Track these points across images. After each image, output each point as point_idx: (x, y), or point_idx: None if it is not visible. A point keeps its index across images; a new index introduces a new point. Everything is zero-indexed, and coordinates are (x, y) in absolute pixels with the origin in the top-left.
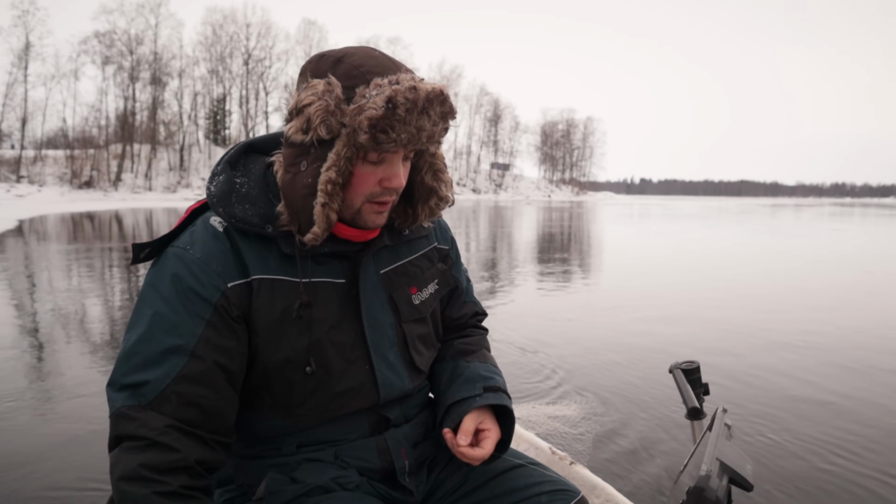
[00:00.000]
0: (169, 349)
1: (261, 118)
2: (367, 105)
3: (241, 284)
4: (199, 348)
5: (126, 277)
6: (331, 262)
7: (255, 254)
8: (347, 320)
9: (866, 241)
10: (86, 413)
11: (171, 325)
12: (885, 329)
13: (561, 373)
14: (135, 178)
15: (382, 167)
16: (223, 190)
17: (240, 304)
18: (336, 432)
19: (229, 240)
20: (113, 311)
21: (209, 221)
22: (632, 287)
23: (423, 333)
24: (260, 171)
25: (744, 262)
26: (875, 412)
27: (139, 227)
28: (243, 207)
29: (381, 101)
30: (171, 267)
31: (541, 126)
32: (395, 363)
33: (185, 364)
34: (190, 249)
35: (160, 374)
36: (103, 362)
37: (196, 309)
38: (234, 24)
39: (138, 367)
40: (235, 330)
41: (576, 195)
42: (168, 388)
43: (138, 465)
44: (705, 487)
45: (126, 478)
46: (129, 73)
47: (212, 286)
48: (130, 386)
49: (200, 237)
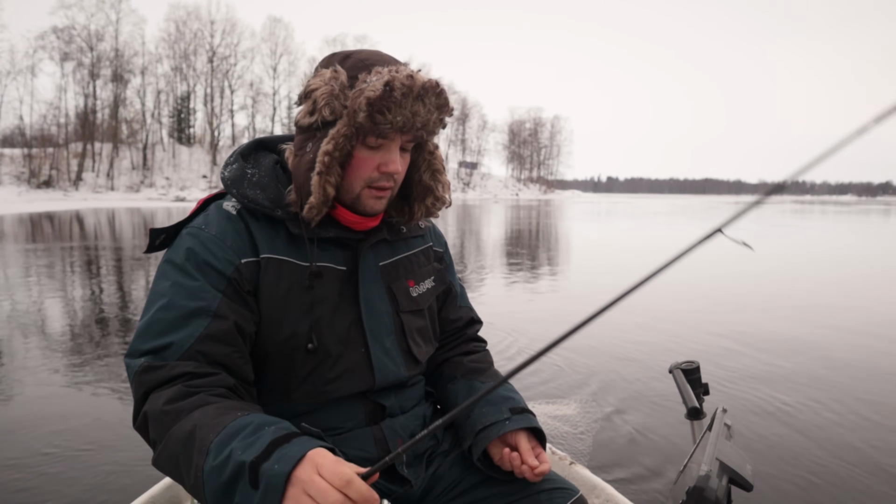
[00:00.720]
0: (192, 311)
1: (226, 116)
2: (367, 88)
3: (252, 262)
4: (221, 308)
5: (87, 281)
6: (334, 249)
7: (264, 235)
8: (346, 304)
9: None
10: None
11: (191, 291)
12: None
13: (557, 368)
14: (96, 178)
15: (380, 153)
16: (236, 175)
17: (251, 279)
18: (332, 419)
19: (242, 221)
20: (74, 316)
21: (222, 206)
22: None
23: (420, 326)
24: (270, 164)
25: (707, 264)
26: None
27: (101, 228)
28: (255, 192)
29: (380, 84)
30: (187, 243)
31: (508, 125)
32: (391, 349)
33: (209, 324)
34: (205, 228)
35: (184, 335)
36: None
37: (212, 280)
38: (198, 20)
39: (160, 333)
40: (248, 302)
41: (543, 193)
42: (193, 348)
43: (181, 384)
44: (705, 487)
45: (171, 399)
46: (90, 69)
47: (226, 260)
48: (152, 350)
49: (215, 218)
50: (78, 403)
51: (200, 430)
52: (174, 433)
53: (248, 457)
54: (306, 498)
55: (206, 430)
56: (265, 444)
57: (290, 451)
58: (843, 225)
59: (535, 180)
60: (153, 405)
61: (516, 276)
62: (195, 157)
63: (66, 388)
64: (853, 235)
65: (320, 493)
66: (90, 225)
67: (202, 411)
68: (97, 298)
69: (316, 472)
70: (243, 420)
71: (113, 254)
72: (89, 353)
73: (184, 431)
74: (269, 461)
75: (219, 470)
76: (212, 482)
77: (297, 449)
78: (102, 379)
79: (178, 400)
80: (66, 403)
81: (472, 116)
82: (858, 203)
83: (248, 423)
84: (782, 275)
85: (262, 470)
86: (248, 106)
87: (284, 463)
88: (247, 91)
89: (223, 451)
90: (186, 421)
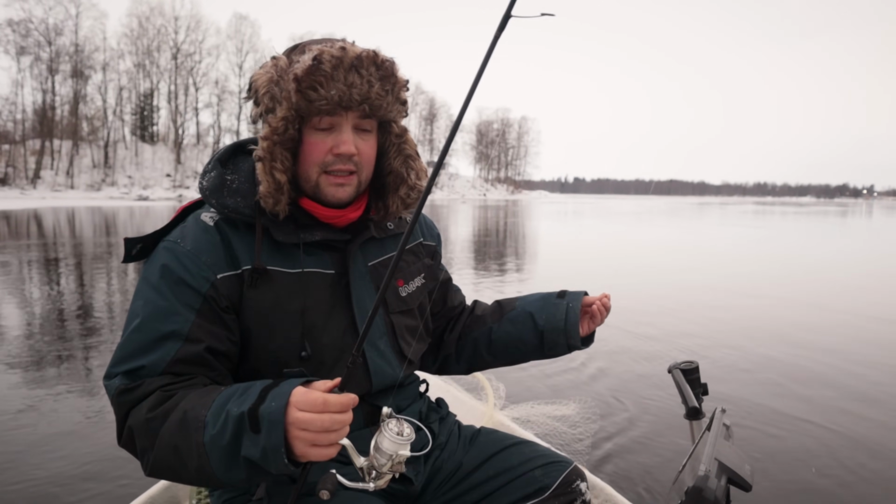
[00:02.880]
0: (163, 335)
1: (191, 114)
2: (296, 66)
3: (231, 276)
4: (192, 332)
5: (47, 279)
6: (321, 253)
7: (245, 245)
8: (338, 309)
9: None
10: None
11: (163, 313)
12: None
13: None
14: (55, 176)
15: (333, 135)
16: (215, 184)
17: (229, 294)
18: None
19: (220, 233)
20: (31, 317)
21: (200, 217)
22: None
23: (411, 325)
24: (248, 168)
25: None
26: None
27: (60, 227)
28: (234, 200)
29: (308, 58)
30: (162, 259)
31: (476, 125)
32: (385, 351)
33: (180, 347)
34: (181, 243)
35: (155, 358)
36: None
37: (186, 298)
38: (162, 16)
39: (132, 355)
40: (225, 320)
41: (511, 194)
42: (165, 370)
43: (160, 391)
44: (704, 487)
45: (152, 406)
46: (48, 64)
47: (201, 277)
48: (126, 372)
49: (191, 231)
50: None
51: (190, 411)
52: (166, 429)
53: (245, 407)
54: (301, 432)
55: (197, 409)
56: (257, 393)
57: (281, 390)
58: (792, 225)
59: (502, 181)
60: (136, 418)
61: (483, 275)
62: (159, 155)
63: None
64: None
65: (309, 424)
66: (49, 224)
67: (186, 400)
68: (55, 300)
69: (297, 410)
70: (230, 389)
71: (73, 251)
72: (49, 353)
73: (175, 422)
74: (264, 403)
75: (220, 434)
76: (216, 449)
77: (286, 387)
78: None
79: (160, 404)
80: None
81: (440, 116)
82: (816, 204)
83: (237, 388)
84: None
85: (261, 411)
86: (214, 104)
87: (279, 398)
88: (212, 89)
89: (219, 418)
90: (175, 413)
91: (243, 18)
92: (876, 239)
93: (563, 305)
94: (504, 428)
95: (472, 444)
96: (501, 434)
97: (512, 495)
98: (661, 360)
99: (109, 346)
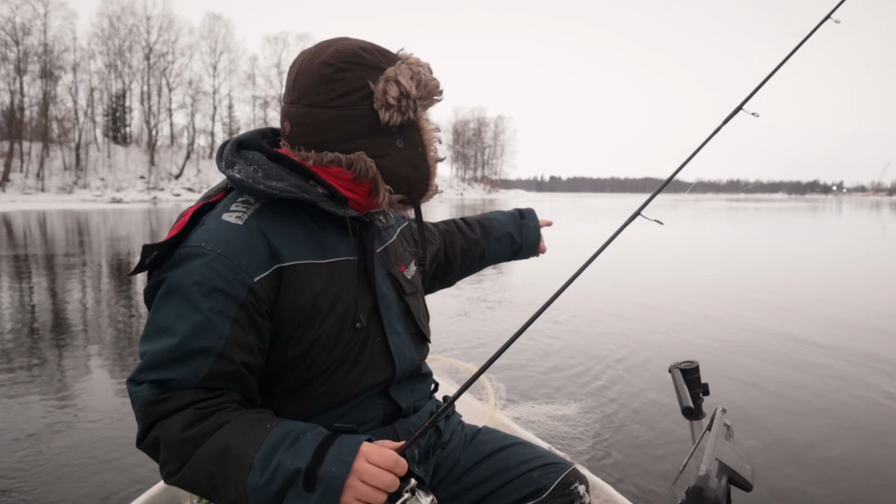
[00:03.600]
0: (196, 350)
1: (164, 115)
2: (425, 78)
3: (268, 276)
4: (227, 350)
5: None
6: (344, 239)
7: (283, 239)
8: (361, 294)
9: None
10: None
11: (196, 327)
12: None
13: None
14: (25, 179)
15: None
16: (248, 173)
17: (268, 297)
18: (353, 419)
19: (251, 231)
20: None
21: (222, 218)
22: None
23: (421, 307)
24: (264, 160)
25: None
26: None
27: (32, 231)
28: (277, 183)
29: (427, 71)
30: (191, 265)
31: (452, 124)
32: (402, 334)
33: (213, 364)
34: (207, 246)
35: (188, 373)
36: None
37: (221, 307)
38: (134, 16)
39: (163, 365)
40: (260, 327)
41: (488, 193)
42: (197, 385)
43: (193, 408)
44: (704, 487)
45: (187, 425)
46: (16, 64)
47: (238, 282)
48: (155, 382)
49: (218, 233)
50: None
51: (235, 447)
52: (202, 454)
53: (301, 463)
54: (363, 485)
55: (242, 447)
56: (312, 450)
57: (341, 454)
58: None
59: (479, 180)
60: (168, 433)
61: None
62: (132, 157)
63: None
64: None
65: (375, 478)
66: (19, 228)
67: (227, 429)
68: (26, 307)
69: (366, 461)
70: (278, 431)
71: (44, 257)
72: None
73: (215, 451)
74: (324, 464)
75: (267, 484)
76: (258, 494)
77: (346, 450)
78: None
79: (196, 424)
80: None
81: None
82: (788, 200)
83: (286, 434)
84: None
85: (321, 473)
86: (188, 105)
87: (341, 466)
88: (186, 89)
89: (269, 466)
90: (214, 440)
91: (217, 18)
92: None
93: (531, 225)
94: (504, 428)
95: (471, 443)
96: (501, 434)
97: (509, 496)
98: (663, 359)
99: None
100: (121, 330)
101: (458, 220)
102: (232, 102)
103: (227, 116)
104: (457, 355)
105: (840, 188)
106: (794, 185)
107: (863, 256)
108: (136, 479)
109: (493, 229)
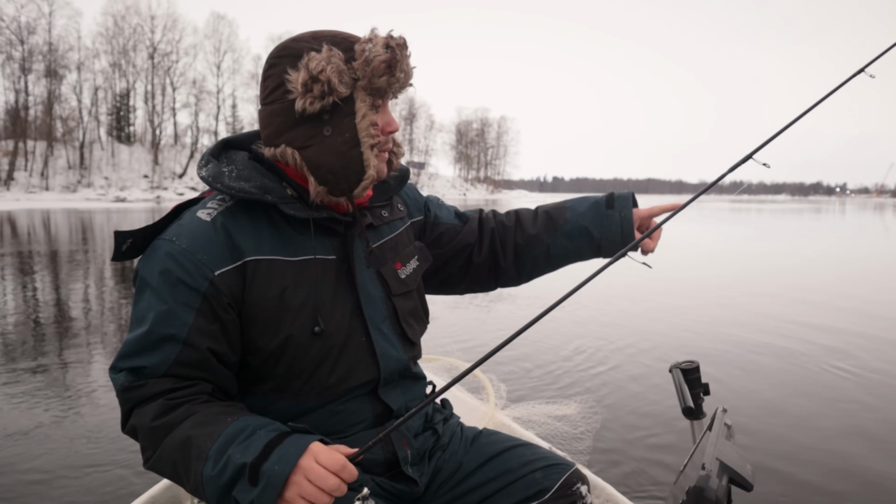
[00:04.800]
0: (162, 338)
1: (168, 115)
2: (372, 54)
3: (231, 269)
4: (191, 337)
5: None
6: (321, 237)
7: (247, 236)
8: (342, 293)
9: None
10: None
11: (162, 315)
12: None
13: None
14: (29, 177)
15: (379, 115)
16: (215, 172)
17: (230, 290)
18: (343, 420)
19: (217, 228)
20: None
21: (196, 214)
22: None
23: (411, 308)
24: (244, 160)
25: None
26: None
27: (35, 231)
28: (239, 184)
29: (381, 47)
30: (159, 258)
31: (456, 125)
32: (388, 335)
33: (180, 351)
34: (176, 241)
35: (157, 360)
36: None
37: (185, 298)
38: (138, 15)
39: (135, 353)
40: (223, 318)
41: (490, 193)
42: (167, 372)
43: (163, 399)
44: (705, 487)
45: (157, 415)
46: (21, 63)
47: (199, 276)
48: (130, 369)
49: (187, 229)
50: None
51: (196, 439)
52: (168, 443)
53: (248, 458)
54: (308, 484)
55: (201, 439)
56: (261, 447)
57: (287, 453)
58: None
59: (482, 180)
60: (140, 420)
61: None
62: (136, 156)
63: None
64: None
65: (320, 478)
66: (23, 226)
67: (192, 420)
68: (30, 304)
69: (314, 460)
70: (235, 426)
71: (49, 256)
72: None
73: (178, 441)
74: (268, 461)
75: (218, 475)
76: (212, 484)
77: (293, 450)
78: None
79: (165, 414)
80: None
81: (419, 116)
82: (792, 202)
83: (242, 429)
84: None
85: (263, 469)
86: (192, 104)
87: (284, 465)
88: (189, 89)
89: (221, 458)
90: (179, 431)
91: (221, 18)
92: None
93: (616, 217)
94: (505, 428)
95: (472, 445)
96: (502, 436)
97: (512, 497)
98: (663, 359)
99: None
100: (122, 326)
101: (523, 211)
102: (235, 102)
103: (230, 116)
104: (457, 356)
105: (844, 190)
106: (798, 186)
107: (874, 256)
108: (139, 474)
109: (561, 222)
